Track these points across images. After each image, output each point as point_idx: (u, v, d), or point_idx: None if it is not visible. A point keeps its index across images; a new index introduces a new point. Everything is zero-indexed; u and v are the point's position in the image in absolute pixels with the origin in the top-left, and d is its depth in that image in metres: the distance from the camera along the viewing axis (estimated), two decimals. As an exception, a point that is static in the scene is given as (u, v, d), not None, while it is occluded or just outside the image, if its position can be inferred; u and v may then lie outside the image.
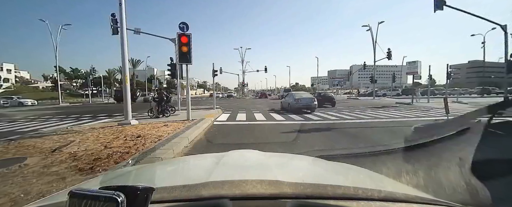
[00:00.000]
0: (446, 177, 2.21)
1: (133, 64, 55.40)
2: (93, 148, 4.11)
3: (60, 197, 0.70)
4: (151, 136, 5.15)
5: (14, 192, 2.42)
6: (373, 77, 28.43)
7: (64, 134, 5.98)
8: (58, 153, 3.96)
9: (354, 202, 0.64)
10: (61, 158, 3.67)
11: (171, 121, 7.97)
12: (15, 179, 2.78)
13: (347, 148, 3.96)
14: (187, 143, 4.79)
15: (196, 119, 8.44)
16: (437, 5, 11.32)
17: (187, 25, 7.97)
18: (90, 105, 24.96)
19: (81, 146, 4.31)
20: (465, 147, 2.54)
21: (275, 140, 5.55)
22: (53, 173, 2.98)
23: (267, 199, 0.64)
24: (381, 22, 27.39)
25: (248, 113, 12.19)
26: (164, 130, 5.93)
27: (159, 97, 10.11)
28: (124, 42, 7.29)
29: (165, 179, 1.00)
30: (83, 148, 4.18)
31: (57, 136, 5.68)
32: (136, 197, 0.46)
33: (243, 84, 48.52)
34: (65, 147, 4.33)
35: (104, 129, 6.36)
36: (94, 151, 3.94)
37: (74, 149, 4.18)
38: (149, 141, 4.60)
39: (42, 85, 58.64)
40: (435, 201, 0.73)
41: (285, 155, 1.71)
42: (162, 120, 8.52)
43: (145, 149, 3.99)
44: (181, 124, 7.22)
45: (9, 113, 15.89)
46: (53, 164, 3.36)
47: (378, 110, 13.27)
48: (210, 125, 7.68)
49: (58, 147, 4.33)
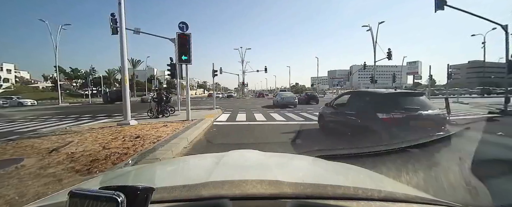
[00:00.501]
0: (445, 176, 2.25)
1: (133, 64, 54.99)
2: (91, 149, 4.07)
3: (60, 197, 0.70)
4: (150, 136, 5.11)
5: (10, 194, 2.38)
6: (373, 77, 28.38)
7: (63, 134, 5.94)
8: (56, 154, 3.91)
9: (354, 202, 0.64)
10: (59, 159, 3.63)
11: (171, 122, 7.92)
12: (11, 181, 2.73)
13: (347, 148, 3.94)
14: (187, 144, 4.75)
15: (195, 119, 8.40)
16: (438, 5, 11.26)
17: (186, 25, 7.94)
18: (89, 105, 24.94)
19: (79, 147, 4.27)
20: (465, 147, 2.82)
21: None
22: (50, 175, 2.93)
23: (267, 199, 0.64)
24: (381, 22, 27.27)
25: (248, 113, 12.15)
26: (163, 131, 5.88)
27: (159, 97, 10.07)
28: (123, 42, 7.24)
29: (165, 179, 1.00)
30: (81, 148, 4.14)
31: (56, 137, 5.64)
32: (136, 197, 0.46)
33: (243, 84, 48.15)
34: (63, 148, 4.29)
35: (103, 130, 6.32)
36: (92, 152, 3.90)
37: (72, 149, 4.14)
38: (148, 142, 4.56)
39: (42, 85, 58.53)
40: (435, 201, 0.73)
41: (285, 155, 1.69)
42: (161, 121, 8.47)
43: (143, 150, 3.94)
44: (181, 124, 7.18)
45: (8, 113, 15.85)
46: (50, 165, 3.32)
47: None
48: (209, 125, 7.64)
49: (56, 148, 4.29)
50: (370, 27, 27.55)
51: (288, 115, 10.69)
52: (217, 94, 41.24)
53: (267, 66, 38.56)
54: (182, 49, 7.65)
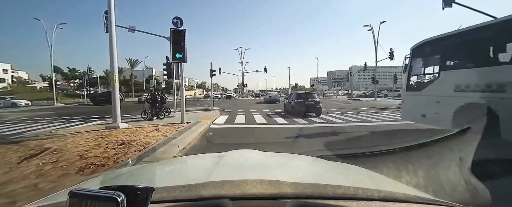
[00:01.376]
0: (445, 176, 2.24)
1: (131, 64, 53.44)
2: (66, 159, 3.54)
3: (60, 197, 0.69)
4: (137, 143, 4.57)
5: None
6: (375, 78, 27.95)
7: (45, 139, 5.42)
8: (25, 165, 3.39)
9: (354, 202, 0.64)
10: (26, 172, 3.11)
11: (164, 124, 7.40)
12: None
13: (347, 148, 3.91)
14: (177, 152, 4.21)
15: (191, 122, 7.87)
16: (446, 3, 10.81)
17: (181, 20, 7.40)
18: (85, 106, 24.40)
19: (54, 156, 3.74)
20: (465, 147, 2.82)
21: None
22: (5, 195, 2.41)
23: (267, 199, 0.64)
24: (383, 22, 26.87)
25: (248, 114, 11.65)
26: (153, 135, 5.35)
27: (153, 98, 9.53)
28: (112, 39, 6.72)
29: (165, 179, 0.99)
30: (55, 158, 3.61)
31: (37, 141, 5.14)
32: (136, 197, 0.46)
33: (242, 85, 46.63)
34: (36, 157, 3.77)
35: (88, 134, 5.79)
36: (66, 163, 3.37)
37: (45, 159, 3.62)
38: (132, 150, 4.02)
39: (40, 85, 57.71)
40: (435, 201, 0.72)
41: (285, 155, 1.68)
42: (154, 123, 7.95)
43: (124, 161, 3.42)
44: (174, 127, 6.65)
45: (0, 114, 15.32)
46: (13, 181, 2.81)
47: (383, 112, 12.75)
48: (206, 129, 7.12)
49: (28, 157, 3.77)
50: (371, 27, 27.14)
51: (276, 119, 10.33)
52: (216, 94, 40.77)
53: (267, 66, 37.98)
54: (176, 46, 7.11)
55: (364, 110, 13.70)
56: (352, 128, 7.35)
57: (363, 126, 7.71)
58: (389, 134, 6.27)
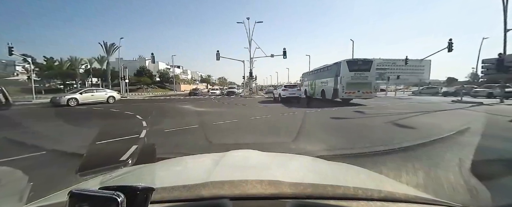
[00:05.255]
0: (445, 176, 2.19)
1: (106, 50, 38.27)
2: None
3: (60, 197, 0.70)
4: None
5: None
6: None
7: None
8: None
9: (354, 202, 0.64)
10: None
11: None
12: None
13: (347, 148, 3.86)
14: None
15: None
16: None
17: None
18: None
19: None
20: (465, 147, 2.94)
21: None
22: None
23: (267, 199, 0.65)
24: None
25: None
26: None
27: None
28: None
29: (165, 179, 1.00)
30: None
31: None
32: (136, 197, 0.46)
33: (250, 77, 30.36)
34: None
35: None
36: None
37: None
38: None
39: (23, 77, 39.86)
40: (435, 201, 0.72)
41: (285, 155, 1.68)
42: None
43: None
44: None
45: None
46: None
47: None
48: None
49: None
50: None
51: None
52: (212, 90, 31.62)
53: (282, 54, 26.11)
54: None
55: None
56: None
57: None
58: None
